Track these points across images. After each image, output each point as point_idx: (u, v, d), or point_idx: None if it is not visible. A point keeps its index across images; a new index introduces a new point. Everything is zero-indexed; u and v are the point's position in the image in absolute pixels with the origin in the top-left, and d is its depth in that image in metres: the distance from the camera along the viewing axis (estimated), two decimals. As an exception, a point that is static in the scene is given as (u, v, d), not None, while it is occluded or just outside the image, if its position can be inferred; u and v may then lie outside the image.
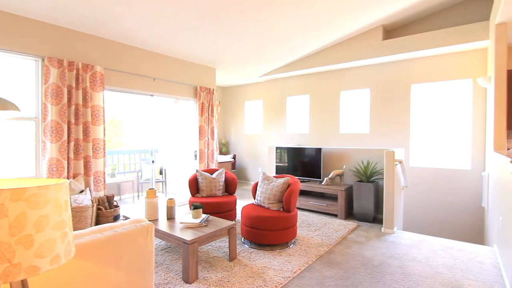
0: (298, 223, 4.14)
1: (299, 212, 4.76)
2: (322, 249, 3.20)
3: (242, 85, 7.99)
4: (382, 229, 3.87)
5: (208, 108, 5.62)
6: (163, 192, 6.31)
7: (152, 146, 5.04)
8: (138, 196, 6.22)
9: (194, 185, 4.18)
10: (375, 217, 4.41)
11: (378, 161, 4.55)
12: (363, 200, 4.30)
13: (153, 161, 5.06)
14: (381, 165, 4.50)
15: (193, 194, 4.16)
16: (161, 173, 6.16)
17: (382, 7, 4.34)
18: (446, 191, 4.91)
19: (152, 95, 4.85)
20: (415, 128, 5.26)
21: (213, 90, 5.74)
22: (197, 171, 4.25)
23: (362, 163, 4.65)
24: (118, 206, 3.80)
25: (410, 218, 5.24)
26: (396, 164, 3.86)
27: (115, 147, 7.86)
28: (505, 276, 2.55)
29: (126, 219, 3.08)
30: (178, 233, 2.62)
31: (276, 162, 5.54)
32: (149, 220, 2.97)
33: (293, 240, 3.42)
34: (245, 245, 3.31)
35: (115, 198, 4.32)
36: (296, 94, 6.85)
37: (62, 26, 3.60)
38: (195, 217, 2.91)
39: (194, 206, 2.95)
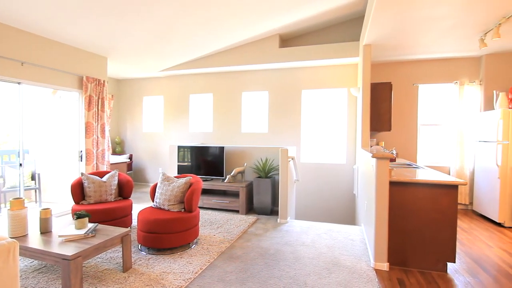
0: (200, 222, 4.10)
1: (203, 211, 4.72)
2: (223, 246, 3.26)
3: (140, 78, 7.36)
4: (278, 220, 4.22)
5: (98, 102, 4.95)
6: (36, 201, 5.21)
7: (19, 146, 4.10)
8: (0, 208, 4.96)
9: (79, 191, 3.62)
10: (272, 210, 4.78)
11: (275, 158, 4.95)
12: (262, 195, 4.59)
13: (20, 164, 4.12)
14: (277, 162, 4.91)
15: (77, 202, 3.59)
16: (33, 178, 5.07)
17: (278, 17, 4.72)
18: (328, 183, 5.75)
19: (19, 83, 3.95)
20: (305, 128, 5.97)
21: (104, 81, 5.08)
22: (82, 174, 3.69)
23: (261, 160, 4.97)
24: (-35, 224, 2.92)
25: (301, 208, 5.91)
26: (289, 161, 4.28)
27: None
28: (369, 249, 3.17)
29: (-23, 239, 2.41)
30: (56, 248, 2.21)
31: (179, 162, 5.34)
32: (13, 237, 2.41)
33: (195, 240, 3.36)
34: (142, 252, 3.06)
35: (-39, 214, 3.32)
36: (199, 92, 6.76)
37: None
38: (78, 227, 2.51)
39: (77, 215, 2.54)
